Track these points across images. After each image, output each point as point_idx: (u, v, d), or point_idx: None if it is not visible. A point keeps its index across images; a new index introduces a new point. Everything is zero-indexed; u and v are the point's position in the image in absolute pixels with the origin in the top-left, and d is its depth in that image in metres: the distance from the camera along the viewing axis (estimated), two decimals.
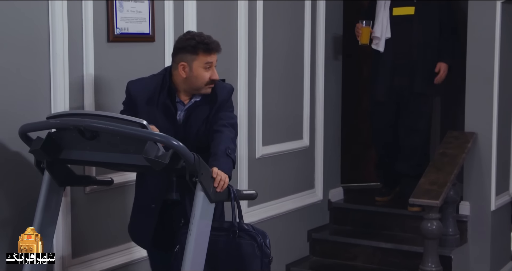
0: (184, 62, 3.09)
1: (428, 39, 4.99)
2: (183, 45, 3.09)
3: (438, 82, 5.01)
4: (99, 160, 2.86)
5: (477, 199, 4.89)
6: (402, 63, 5.02)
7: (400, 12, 5.01)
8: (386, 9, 5.02)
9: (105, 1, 3.51)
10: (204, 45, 3.06)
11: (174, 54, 3.14)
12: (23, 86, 3.18)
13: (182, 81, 3.13)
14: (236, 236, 3.01)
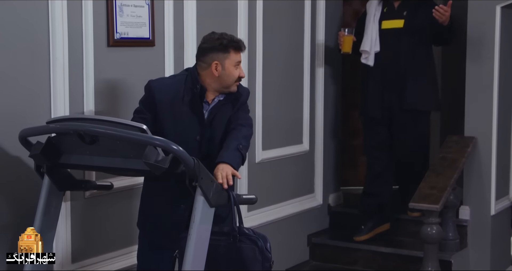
0: (217, 61, 3.13)
1: (417, 53, 4.77)
2: (213, 45, 3.13)
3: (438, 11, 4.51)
4: (99, 165, 2.86)
5: (477, 204, 4.89)
6: (391, 78, 4.81)
7: (389, 25, 4.85)
8: (376, 22, 4.87)
9: (105, 6, 3.51)
10: (235, 44, 3.15)
11: (203, 54, 3.16)
12: (23, 90, 3.19)
13: (213, 80, 3.16)
14: (236, 240, 3.01)
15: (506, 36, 4.90)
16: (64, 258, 3.40)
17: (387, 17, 4.86)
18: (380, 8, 4.89)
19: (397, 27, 4.81)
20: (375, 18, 4.86)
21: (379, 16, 4.87)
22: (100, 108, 3.51)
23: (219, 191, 2.85)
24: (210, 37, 3.17)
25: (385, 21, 4.85)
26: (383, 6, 4.89)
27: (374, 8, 4.90)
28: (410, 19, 4.78)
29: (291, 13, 4.86)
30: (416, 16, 4.78)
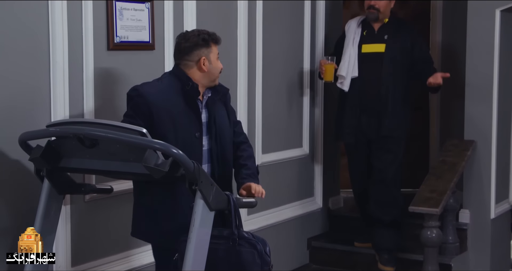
0: (204, 56, 3.17)
1: (398, 78, 4.66)
2: (195, 42, 3.16)
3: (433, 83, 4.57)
4: (99, 168, 2.86)
5: (476, 207, 4.89)
6: (370, 104, 4.68)
7: (370, 49, 4.70)
8: (355, 46, 4.71)
9: (105, 10, 3.52)
10: (214, 37, 3.22)
11: (188, 52, 3.17)
12: (23, 94, 3.19)
13: (202, 76, 3.19)
14: (236, 244, 3.01)
15: (506, 39, 4.90)
16: (64, 261, 3.40)
17: (367, 40, 4.72)
18: (359, 31, 4.76)
19: (378, 52, 4.69)
20: (354, 42, 4.72)
21: (359, 40, 4.73)
22: (100, 112, 3.51)
23: (218, 194, 2.85)
24: (189, 35, 3.19)
25: (366, 45, 4.72)
26: (362, 29, 4.76)
27: (353, 31, 4.77)
28: (392, 44, 4.67)
29: (290, 15, 4.87)
30: (397, 40, 4.67)
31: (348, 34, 4.76)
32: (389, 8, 4.70)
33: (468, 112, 4.90)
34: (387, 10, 4.69)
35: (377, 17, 4.67)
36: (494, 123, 4.85)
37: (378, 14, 4.65)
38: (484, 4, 4.80)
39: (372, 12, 4.67)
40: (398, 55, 4.64)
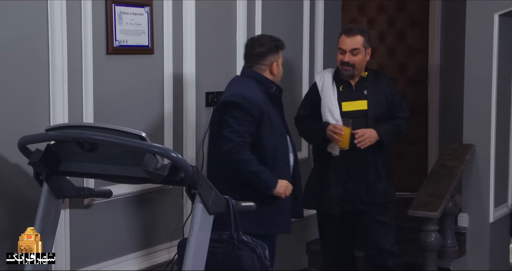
0: (274, 61, 3.57)
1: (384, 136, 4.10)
2: (268, 48, 3.55)
3: (358, 141, 4.01)
4: (98, 172, 2.86)
5: (475, 211, 4.89)
6: (357, 167, 4.13)
7: (351, 107, 4.13)
8: (335, 103, 4.10)
9: (105, 14, 3.52)
10: (282, 43, 3.61)
11: (262, 57, 3.55)
12: (22, 98, 3.19)
13: (272, 79, 3.61)
14: (235, 248, 3.01)
15: (504, 43, 4.91)
16: (63, 265, 3.39)
17: (346, 97, 4.13)
18: (334, 87, 4.15)
19: (361, 109, 4.13)
20: (334, 99, 4.11)
21: (337, 96, 4.13)
22: (99, 116, 3.51)
23: (218, 198, 2.85)
24: (263, 41, 3.56)
25: (345, 102, 4.12)
26: (337, 83, 4.16)
27: (330, 87, 4.15)
28: (373, 99, 4.14)
29: (289, 16, 4.86)
30: (377, 95, 4.15)
31: (324, 90, 4.14)
32: (365, 62, 4.13)
33: (466, 116, 4.90)
34: (362, 64, 4.11)
35: (353, 75, 4.09)
36: (492, 127, 4.85)
37: (353, 71, 4.08)
38: (483, 9, 4.81)
39: (347, 69, 4.07)
40: (381, 110, 4.14)
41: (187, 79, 3.97)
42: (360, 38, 4.05)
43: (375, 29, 6.36)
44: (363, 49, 4.07)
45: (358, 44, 4.04)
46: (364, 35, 4.08)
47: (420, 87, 6.31)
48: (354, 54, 4.04)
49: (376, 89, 4.15)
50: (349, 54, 4.04)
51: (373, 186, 4.15)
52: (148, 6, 3.72)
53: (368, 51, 4.12)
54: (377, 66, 6.33)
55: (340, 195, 4.16)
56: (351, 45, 4.04)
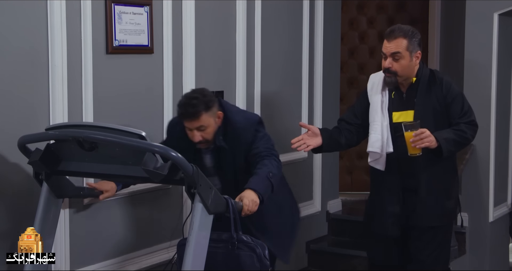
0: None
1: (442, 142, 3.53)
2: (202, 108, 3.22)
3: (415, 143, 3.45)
4: (98, 172, 2.86)
5: (475, 210, 4.89)
6: (410, 186, 3.66)
7: (400, 118, 3.65)
8: (385, 112, 3.67)
9: (104, 13, 3.52)
10: (179, 112, 3.22)
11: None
12: (22, 98, 3.19)
13: None
14: (235, 248, 3.01)
15: (504, 43, 4.92)
16: (63, 264, 3.39)
17: (397, 107, 3.67)
18: (386, 92, 3.70)
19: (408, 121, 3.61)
20: (384, 107, 3.68)
21: (388, 104, 3.69)
22: (99, 115, 3.51)
23: (217, 198, 2.85)
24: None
25: (396, 112, 3.67)
26: (389, 90, 3.70)
27: (379, 93, 3.71)
28: (421, 109, 3.62)
29: (289, 16, 4.86)
30: (427, 103, 3.62)
31: (373, 97, 3.72)
32: (412, 67, 3.60)
33: None
34: (408, 70, 3.60)
35: (395, 82, 3.61)
36: (492, 127, 4.86)
37: (395, 79, 3.60)
38: (482, 8, 4.81)
39: (388, 76, 3.62)
40: (430, 121, 3.58)
41: (186, 79, 3.97)
42: (403, 41, 3.56)
43: (375, 28, 6.36)
44: (407, 53, 3.56)
45: (399, 47, 3.55)
46: (408, 37, 3.57)
47: None
48: (396, 60, 3.56)
49: (428, 96, 3.61)
50: (390, 59, 3.57)
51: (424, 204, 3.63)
52: (148, 5, 3.72)
53: (418, 55, 3.60)
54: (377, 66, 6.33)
55: (398, 214, 3.67)
56: (391, 49, 3.57)
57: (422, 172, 3.61)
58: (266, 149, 3.35)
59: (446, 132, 3.53)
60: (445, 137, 3.50)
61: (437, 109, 3.60)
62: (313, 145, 3.73)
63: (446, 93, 3.60)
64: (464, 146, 3.65)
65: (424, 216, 3.63)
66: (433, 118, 3.59)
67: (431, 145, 3.45)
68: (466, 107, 3.64)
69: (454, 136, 3.54)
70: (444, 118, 3.61)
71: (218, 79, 4.23)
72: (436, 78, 3.63)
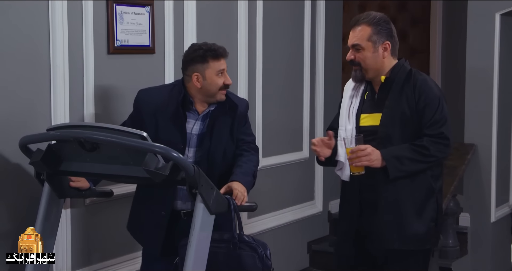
0: (197, 73, 3.14)
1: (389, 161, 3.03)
2: (192, 57, 3.15)
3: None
4: (99, 172, 2.86)
5: (477, 211, 4.89)
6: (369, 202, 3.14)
7: (366, 121, 3.17)
8: (352, 116, 3.19)
9: (106, 13, 3.52)
10: (212, 52, 3.13)
11: (184, 67, 3.19)
12: (24, 98, 3.19)
13: (198, 91, 3.18)
14: (236, 248, 3.01)
15: (505, 43, 4.91)
16: (64, 265, 3.39)
17: (366, 108, 3.18)
18: (360, 94, 3.22)
19: (374, 125, 3.13)
20: (351, 110, 3.20)
21: (358, 106, 3.20)
22: (100, 115, 3.51)
23: (219, 198, 2.85)
24: (190, 49, 3.19)
25: (364, 114, 3.17)
26: (364, 88, 3.23)
27: (352, 92, 3.24)
28: (389, 112, 3.10)
29: (291, 16, 4.86)
30: (397, 106, 3.10)
31: (344, 100, 3.26)
32: (378, 60, 3.13)
33: (468, 115, 4.90)
34: (373, 62, 3.13)
35: (361, 76, 3.16)
36: (494, 127, 4.86)
37: (360, 73, 3.15)
38: (484, 8, 4.81)
39: (354, 69, 3.18)
40: (398, 127, 3.08)
41: None
42: (366, 30, 3.12)
43: None
44: (369, 44, 3.11)
45: (360, 38, 3.11)
46: (373, 25, 3.14)
47: None
48: (357, 50, 3.13)
49: (399, 98, 3.09)
50: (352, 50, 3.15)
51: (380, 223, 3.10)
52: (149, 5, 3.72)
53: (386, 46, 3.14)
54: None
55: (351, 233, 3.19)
56: (351, 40, 3.15)
57: (383, 186, 3.06)
58: (253, 140, 3.32)
59: (400, 149, 3.01)
60: (396, 155, 3.00)
61: (406, 115, 3.06)
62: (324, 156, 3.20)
63: (419, 97, 3.06)
64: (428, 164, 3.04)
65: (381, 237, 3.09)
66: (400, 125, 3.07)
67: (371, 164, 2.98)
68: (438, 116, 3.05)
69: (410, 153, 3.01)
70: (414, 126, 3.06)
71: None
72: (412, 79, 3.11)
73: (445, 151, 3.06)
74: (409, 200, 3.08)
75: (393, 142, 3.05)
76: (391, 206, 3.08)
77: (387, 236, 3.09)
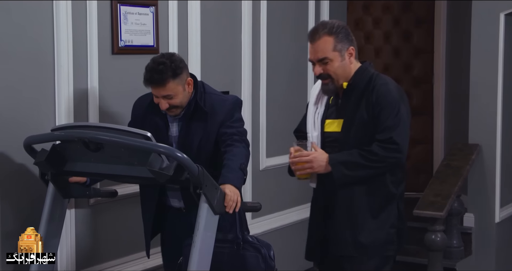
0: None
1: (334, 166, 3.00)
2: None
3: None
4: (103, 172, 2.87)
5: (481, 211, 4.88)
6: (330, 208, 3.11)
7: (329, 127, 3.10)
8: (317, 122, 3.13)
9: (110, 14, 3.52)
10: (145, 79, 3.05)
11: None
12: (28, 98, 3.20)
13: None
14: (240, 248, 3.01)
15: (510, 43, 4.90)
16: (69, 265, 3.40)
17: (330, 114, 3.11)
18: (324, 99, 3.15)
19: (336, 132, 3.07)
20: (316, 117, 3.14)
21: (323, 111, 3.13)
22: (105, 115, 3.52)
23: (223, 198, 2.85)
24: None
25: (328, 120, 3.11)
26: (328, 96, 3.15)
27: (317, 96, 3.17)
28: (350, 118, 3.02)
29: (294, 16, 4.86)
30: (357, 110, 3.02)
31: (309, 107, 3.19)
32: (345, 67, 3.03)
33: (472, 116, 4.89)
34: (342, 71, 3.03)
35: (335, 88, 3.05)
36: (498, 127, 4.85)
37: (333, 84, 3.04)
38: (488, 8, 4.80)
39: (324, 84, 3.07)
40: (357, 132, 3.00)
41: None
42: (328, 40, 3.00)
43: (381, 29, 6.36)
44: (336, 54, 3.01)
45: (326, 51, 3.00)
46: (334, 34, 3.01)
47: (425, 87, 6.31)
48: (325, 63, 3.01)
49: (360, 103, 3.01)
50: (318, 65, 3.03)
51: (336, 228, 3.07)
52: (153, 6, 3.73)
53: (351, 51, 3.04)
54: (382, 66, 6.33)
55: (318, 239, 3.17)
56: (316, 55, 3.02)
57: (339, 192, 3.03)
58: (239, 133, 3.09)
59: (349, 154, 2.96)
60: (343, 160, 2.95)
61: (364, 120, 2.98)
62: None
63: (376, 102, 2.96)
64: (376, 169, 2.95)
65: (338, 243, 3.06)
66: (359, 132, 2.99)
67: (314, 171, 3.00)
68: (390, 121, 2.94)
69: (357, 159, 2.94)
70: (372, 132, 2.96)
71: (223, 80, 4.22)
72: (371, 84, 3.01)
73: (394, 156, 2.94)
74: (365, 206, 3.02)
75: (354, 148, 2.98)
76: (347, 212, 3.04)
77: (342, 242, 3.05)
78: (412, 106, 6.50)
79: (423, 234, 4.44)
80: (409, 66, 6.34)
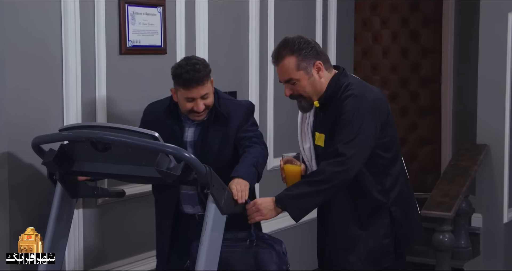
0: (173, 87, 3.11)
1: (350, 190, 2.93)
2: (172, 72, 3.08)
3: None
4: (111, 172, 2.87)
5: (489, 211, 4.87)
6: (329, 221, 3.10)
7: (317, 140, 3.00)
8: (309, 131, 3.04)
9: (118, 14, 3.53)
10: (182, 80, 3.02)
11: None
12: (36, 98, 3.20)
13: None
14: (253, 244, 3.01)
15: None
16: (76, 265, 3.40)
17: (318, 126, 3.01)
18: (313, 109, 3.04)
19: (319, 146, 2.98)
20: (306, 128, 3.06)
21: (312, 121, 3.03)
22: (112, 116, 3.52)
23: (230, 198, 2.85)
24: (176, 63, 3.10)
25: (316, 132, 3.01)
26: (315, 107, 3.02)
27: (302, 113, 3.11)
28: (327, 133, 2.93)
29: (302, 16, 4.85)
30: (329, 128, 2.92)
31: (299, 115, 3.14)
32: (315, 83, 2.91)
33: (480, 116, 4.88)
34: (312, 88, 2.92)
35: (310, 105, 2.98)
36: (506, 127, 4.83)
37: (307, 102, 2.97)
38: (496, 8, 4.79)
39: (299, 102, 3.02)
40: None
41: None
42: (291, 60, 2.89)
43: (388, 28, 6.35)
44: (301, 73, 2.89)
45: (290, 72, 2.89)
46: (296, 52, 2.90)
47: (433, 87, 6.30)
48: (293, 84, 2.92)
49: (332, 117, 2.89)
50: (287, 86, 2.95)
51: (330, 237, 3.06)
52: (161, 6, 3.73)
53: (318, 65, 2.89)
54: (390, 66, 6.33)
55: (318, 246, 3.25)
56: (282, 76, 2.93)
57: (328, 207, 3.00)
58: (257, 135, 3.15)
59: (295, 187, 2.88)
60: (292, 196, 2.87)
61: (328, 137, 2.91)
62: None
63: (339, 114, 2.84)
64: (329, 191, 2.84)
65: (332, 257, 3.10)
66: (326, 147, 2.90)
67: (265, 218, 2.92)
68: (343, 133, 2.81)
69: (305, 188, 2.84)
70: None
71: (231, 80, 4.23)
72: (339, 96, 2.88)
73: (342, 169, 2.77)
74: (352, 220, 2.94)
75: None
76: (336, 227, 3.00)
77: (335, 259, 3.05)
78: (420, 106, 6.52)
79: (431, 234, 4.43)
80: (417, 66, 6.33)
